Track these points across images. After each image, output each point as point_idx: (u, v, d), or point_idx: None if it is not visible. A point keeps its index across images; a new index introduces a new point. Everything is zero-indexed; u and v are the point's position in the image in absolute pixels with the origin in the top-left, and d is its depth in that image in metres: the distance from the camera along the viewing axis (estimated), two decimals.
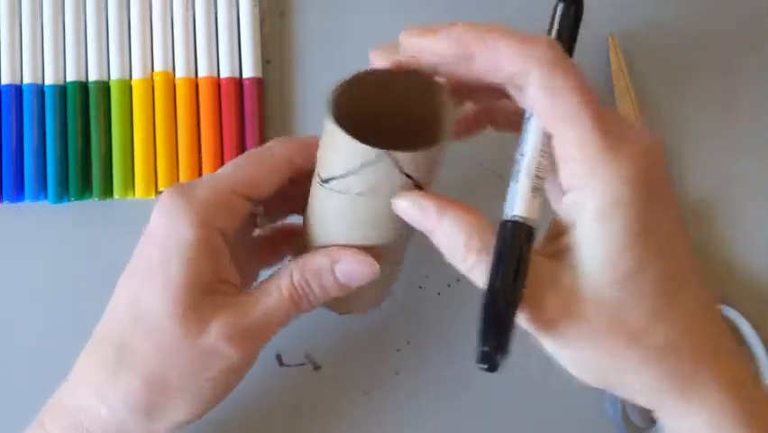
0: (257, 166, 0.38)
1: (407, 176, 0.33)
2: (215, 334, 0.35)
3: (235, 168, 0.38)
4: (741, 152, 0.50)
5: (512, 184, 0.32)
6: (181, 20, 0.49)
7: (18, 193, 0.48)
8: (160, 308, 0.35)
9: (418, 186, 0.34)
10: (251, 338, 0.37)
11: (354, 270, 0.36)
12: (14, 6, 0.49)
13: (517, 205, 0.31)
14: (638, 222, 0.30)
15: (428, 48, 0.33)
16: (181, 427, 0.38)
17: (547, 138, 0.32)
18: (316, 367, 0.47)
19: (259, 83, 0.49)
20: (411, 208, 0.33)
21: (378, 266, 0.36)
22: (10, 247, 0.49)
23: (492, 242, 0.32)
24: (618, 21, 0.51)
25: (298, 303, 0.37)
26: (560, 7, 0.34)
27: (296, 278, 0.37)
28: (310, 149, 0.37)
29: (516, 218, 0.31)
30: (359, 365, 0.47)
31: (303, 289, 0.37)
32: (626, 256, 0.30)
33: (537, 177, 0.32)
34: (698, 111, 0.51)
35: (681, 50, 0.51)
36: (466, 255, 0.32)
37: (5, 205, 0.48)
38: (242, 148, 0.49)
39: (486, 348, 0.30)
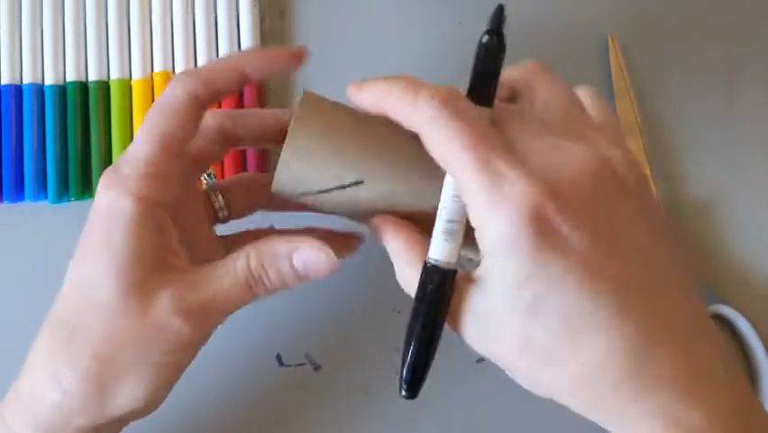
0: (163, 118, 0.36)
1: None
2: (166, 308, 0.35)
3: (146, 131, 0.37)
4: (741, 152, 0.50)
5: (433, 231, 0.34)
6: (181, 20, 0.49)
7: (18, 193, 0.48)
8: (105, 285, 0.35)
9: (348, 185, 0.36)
10: (204, 315, 0.36)
11: (312, 260, 0.36)
12: (14, 6, 0.49)
13: (431, 249, 0.33)
14: (526, 263, 0.30)
15: (362, 102, 0.35)
16: (138, 408, 0.37)
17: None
18: (316, 367, 0.47)
19: (259, 83, 0.49)
20: (373, 227, 0.37)
21: (336, 259, 0.36)
22: (10, 247, 0.49)
23: (422, 256, 0.34)
24: (618, 21, 0.51)
25: (253, 288, 0.36)
26: (484, 38, 0.35)
27: (252, 262, 0.36)
28: (211, 82, 0.37)
29: (431, 261, 0.33)
30: (359, 365, 0.47)
31: (259, 274, 0.36)
32: (522, 293, 0.31)
33: (448, 221, 0.33)
34: (697, 111, 0.51)
35: (681, 50, 0.51)
36: (401, 270, 0.35)
37: (5, 205, 0.48)
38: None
39: (406, 380, 0.33)
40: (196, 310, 0.35)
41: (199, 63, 0.49)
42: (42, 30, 0.49)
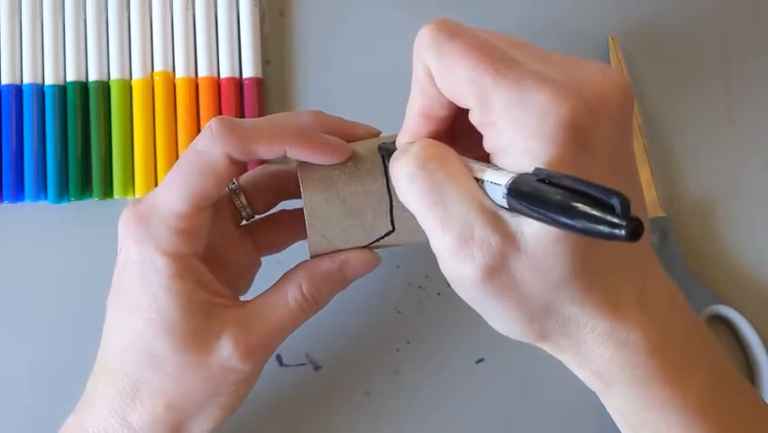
0: (198, 178, 0.36)
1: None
2: (226, 355, 0.36)
3: (179, 186, 0.36)
4: (741, 152, 0.50)
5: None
6: (181, 20, 0.49)
7: (18, 193, 0.48)
8: (160, 343, 0.36)
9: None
10: (262, 350, 0.38)
11: (360, 266, 0.39)
12: (14, 6, 0.49)
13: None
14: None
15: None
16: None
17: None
18: (316, 367, 0.47)
19: (259, 83, 0.49)
20: None
21: (379, 256, 0.39)
22: (10, 247, 0.49)
23: None
24: (618, 21, 0.51)
25: (306, 310, 0.39)
26: None
27: (305, 288, 0.38)
28: (252, 152, 0.36)
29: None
30: (359, 365, 0.47)
31: (313, 296, 0.39)
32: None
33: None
34: (698, 111, 0.51)
35: (681, 50, 0.51)
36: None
37: (5, 205, 0.48)
38: None
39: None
40: (254, 349, 0.37)
41: (199, 63, 0.49)
42: (42, 30, 0.49)
